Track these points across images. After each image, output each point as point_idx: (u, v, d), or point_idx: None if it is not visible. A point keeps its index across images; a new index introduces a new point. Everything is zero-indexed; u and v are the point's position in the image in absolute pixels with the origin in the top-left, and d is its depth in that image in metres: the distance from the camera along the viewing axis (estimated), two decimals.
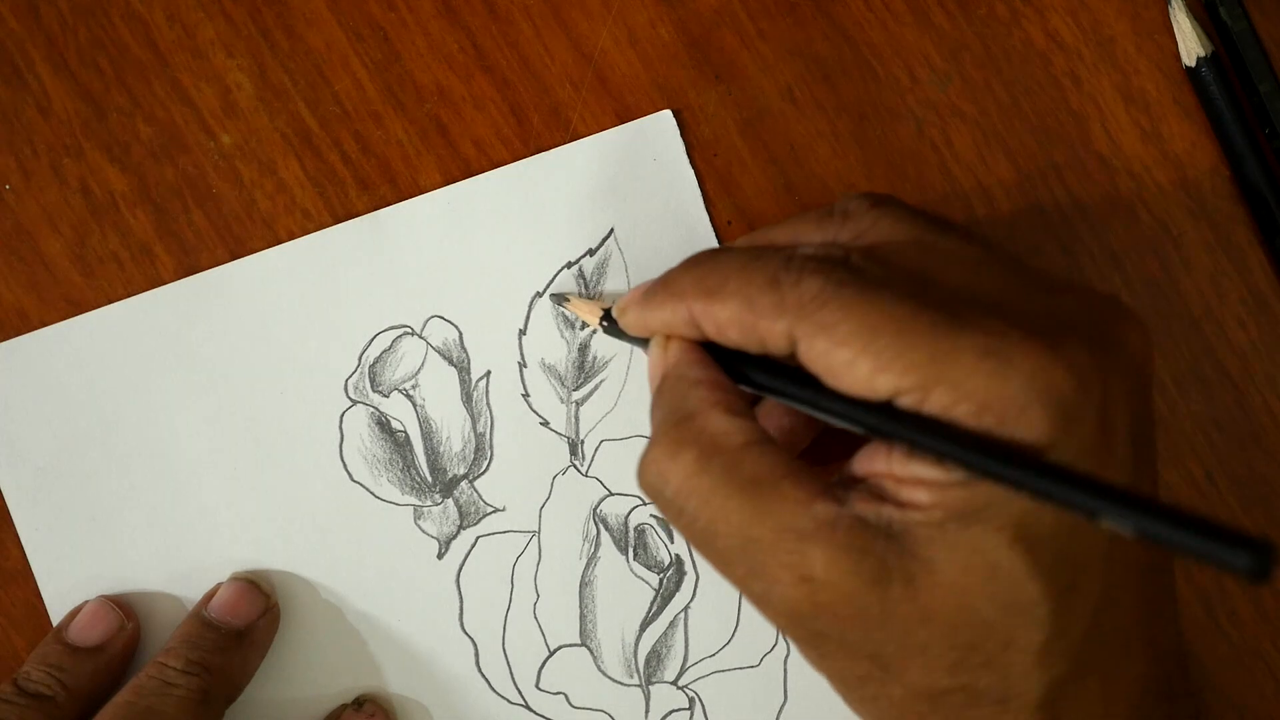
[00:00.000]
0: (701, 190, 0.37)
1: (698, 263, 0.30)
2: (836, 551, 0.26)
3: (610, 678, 0.37)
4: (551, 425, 0.38)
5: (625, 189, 0.37)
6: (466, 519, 0.38)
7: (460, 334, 0.38)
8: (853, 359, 0.26)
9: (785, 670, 0.37)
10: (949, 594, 0.26)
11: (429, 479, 0.38)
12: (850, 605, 0.26)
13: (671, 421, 0.29)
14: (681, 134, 0.37)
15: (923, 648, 0.26)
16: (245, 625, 0.36)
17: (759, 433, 0.28)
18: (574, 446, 0.38)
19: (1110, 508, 0.23)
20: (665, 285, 0.30)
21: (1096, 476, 0.24)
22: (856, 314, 0.26)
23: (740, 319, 0.28)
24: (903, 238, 0.29)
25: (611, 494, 0.37)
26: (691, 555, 0.37)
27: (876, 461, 0.27)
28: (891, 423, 0.26)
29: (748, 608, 0.37)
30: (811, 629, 0.27)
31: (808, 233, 0.31)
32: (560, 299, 0.37)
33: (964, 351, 0.25)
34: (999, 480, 0.25)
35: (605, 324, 0.35)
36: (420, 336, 0.38)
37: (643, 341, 0.32)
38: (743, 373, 0.29)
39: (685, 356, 0.30)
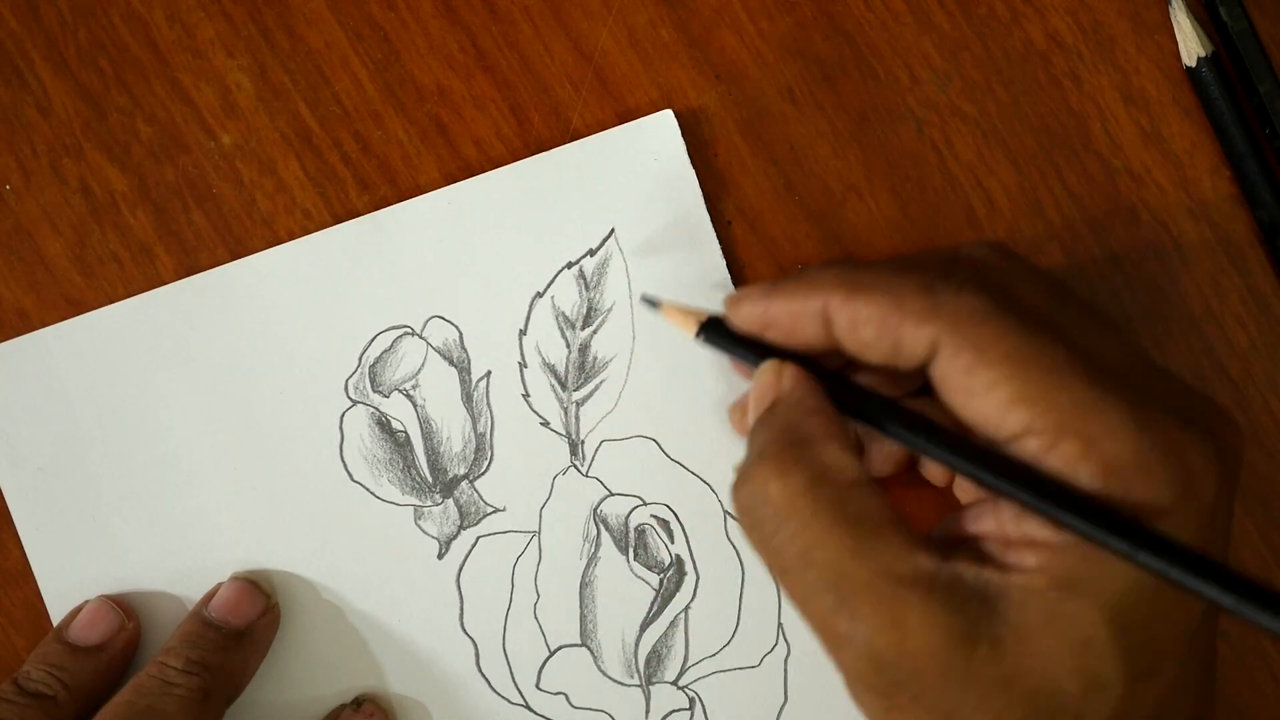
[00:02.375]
0: (701, 190, 0.37)
1: (841, 263, 0.30)
2: (933, 605, 0.26)
3: (610, 678, 0.37)
4: (552, 425, 0.38)
5: (625, 189, 0.37)
6: (467, 519, 0.38)
7: (460, 334, 0.38)
8: (995, 382, 0.26)
9: (785, 670, 0.37)
10: (1035, 662, 0.26)
11: (429, 479, 0.38)
12: (935, 660, 0.26)
13: (784, 443, 0.28)
14: (681, 134, 0.37)
15: (997, 714, 0.26)
16: (245, 625, 0.36)
17: (868, 475, 0.28)
18: (574, 447, 0.38)
19: (1229, 597, 0.23)
20: (798, 278, 0.30)
21: (1225, 565, 0.24)
22: (1012, 339, 0.26)
23: (884, 317, 0.28)
24: (1038, 289, 0.29)
25: (612, 494, 0.37)
26: (692, 555, 0.37)
27: (984, 521, 0.27)
28: (1009, 478, 0.26)
29: (748, 607, 0.37)
30: (890, 678, 0.27)
31: (931, 263, 0.30)
32: (650, 303, 0.34)
33: (1109, 410, 0.25)
34: (1111, 549, 0.25)
35: (703, 333, 0.32)
36: (420, 336, 0.38)
37: (746, 354, 0.31)
38: (867, 412, 0.29)
39: (803, 385, 0.30)
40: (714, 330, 0.32)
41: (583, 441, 0.38)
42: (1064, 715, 0.26)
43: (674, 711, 0.37)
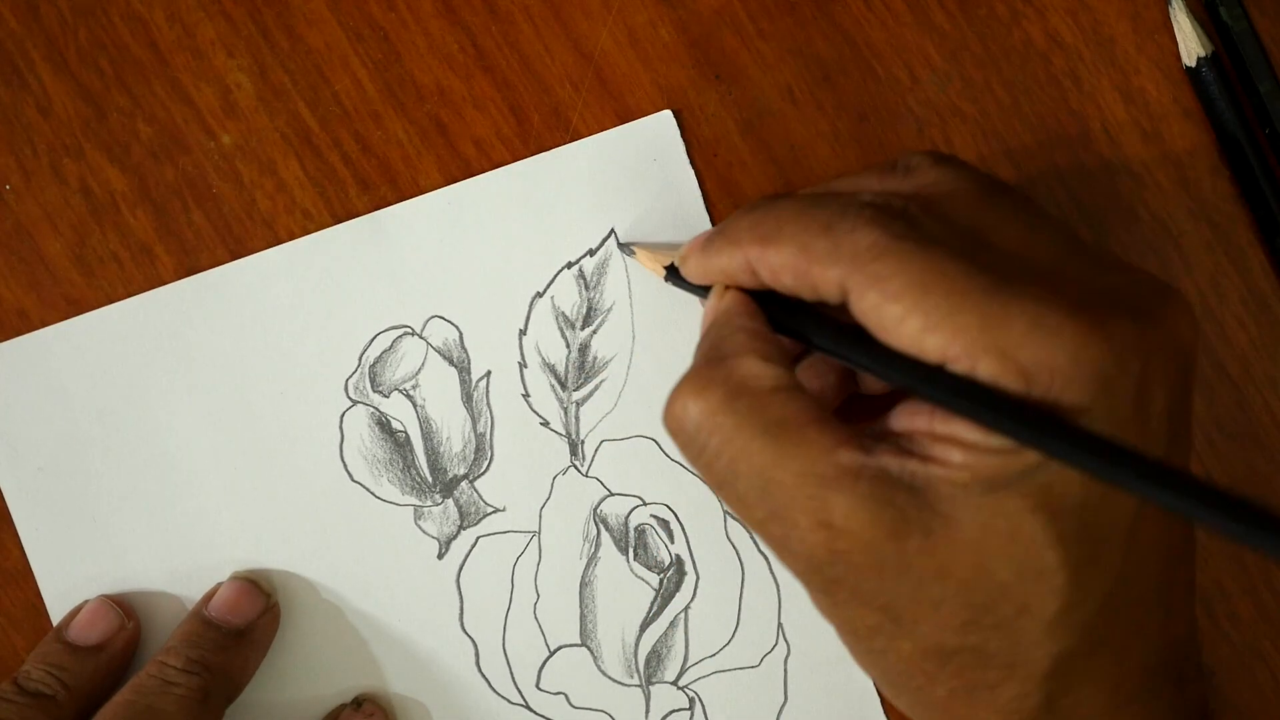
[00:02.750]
0: (701, 190, 0.37)
1: (754, 209, 0.30)
2: (857, 499, 0.26)
3: (610, 678, 0.37)
4: (552, 425, 0.38)
5: (625, 189, 0.37)
6: (467, 519, 0.38)
7: (460, 334, 0.38)
8: (903, 315, 0.26)
9: (785, 670, 0.37)
10: (967, 552, 0.26)
11: (429, 479, 0.38)
12: (867, 554, 0.26)
13: (705, 361, 0.29)
14: (681, 134, 0.37)
15: (936, 604, 0.26)
16: (245, 624, 0.36)
17: (790, 380, 0.28)
18: (574, 447, 0.38)
19: (1152, 487, 0.23)
20: (723, 232, 0.30)
21: (1142, 453, 0.24)
22: (910, 269, 0.26)
23: (794, 265, 0.28)
24: (962, 195, 0.29)
25: (612, 494, 0.37)
26: (692, 555, 0.37)
27: (917, 419, 0.27)
28: (941, 388, 0.26)
29: (748, 607, 0.37)
30: (827, 576, 0.27)
31: (869, 184, 0.30)
32: (627, 248, 0.37)
33: (1014, 320, 0.25)
34: (1045, 451, 0.25)
35: (668, 274, 0.34)
36: (420, 336, 0.38)
37: (705, 291, 0.32)
38: (798, 328, 0.30)
39: (735, 305, 0.30)
40: (679, 274, 0.33)
41: (583, 441, 0.38)
42: (1005, 604, 0.26)
43: (674, 711, 0.37)
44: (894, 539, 0.26)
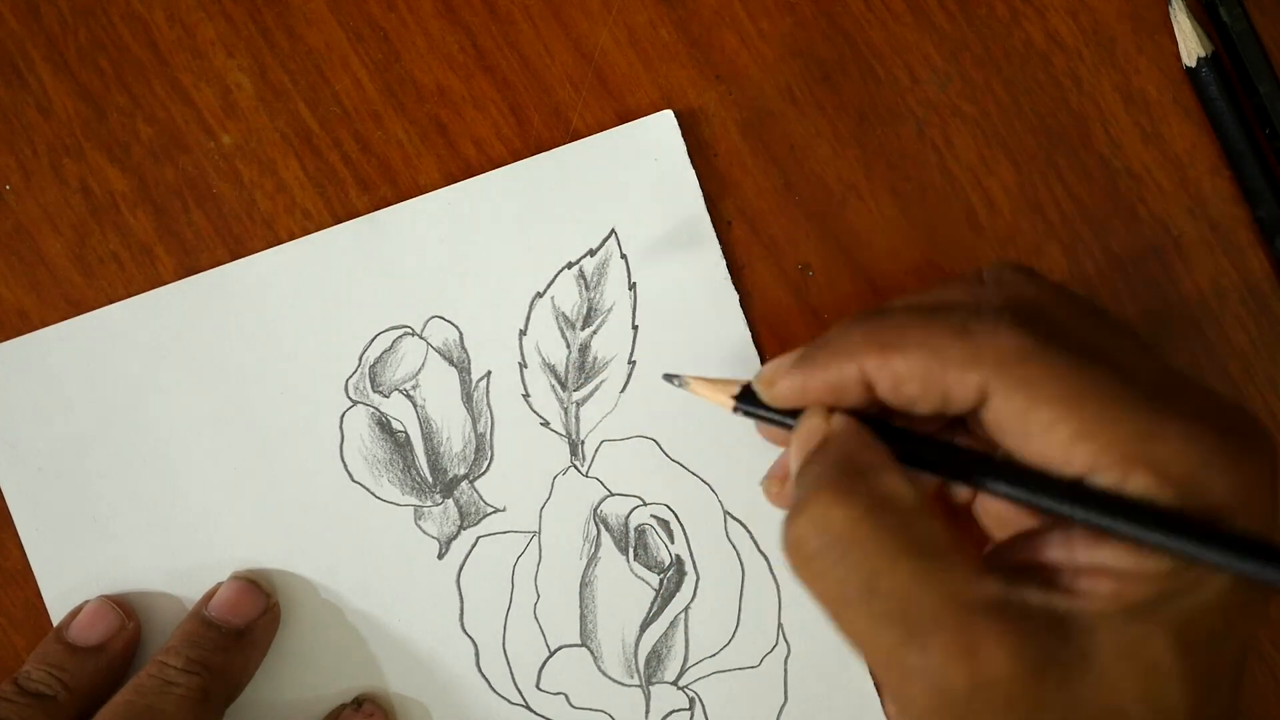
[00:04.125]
0: (701, 190, 0.37)
1: (864, 319, 0.29)
2: (1004, 632, 0.25)
3: (610, 678, 0.37)
4: (552, 425, 0.38)
5: (625, 189, 0.37)
6: (467, 519, 0.38)
7: (460, 334, 0.38)
8: (1053, 421, 0.25)
9: (785, 670, 0.37)
10: (1102, 689, 0.25)
11: (429, 479, 0.38)
12: (1006, 689, 0.25)
13: (841, 472, 0.27)
14: (681, 134, 0.37)
15: None
16: (245, 624, 0.36)
17: (927, 502, 0.27)
18: (574, 447, 0.38)
19: None
20: (825, 346, 0.29)
21: None
22: (1062, 375, 0.25)
23: (925, 371, 0.27)
24: (1070, 308, 0.28)
25: (612, 494, 0.37)
26: (692, 555, 0.37)
27: (1054, 549, 0.26)
28: (1102, 509, 0.25)
29: (748, 607, 0.37)
30: (958, 711, 0.26)
31: (956, 295, 0.29)
32: (676, 379, 0.34)
33: (1170, 434, 0.25)
34: (1215, 564, 0.24)
35: (739, 403, 0.31)
36: (420, 337, 0.38)
37: (782, 420, 0.30)
38: (917, 452, 0.28)
39: (853, 423, 0.29)
40: (752, 401, 0.31)
41: (583, 441, 0.38)
42: None
43: (674, 711, 0.37)
44: (1034, 674, 0.25)
